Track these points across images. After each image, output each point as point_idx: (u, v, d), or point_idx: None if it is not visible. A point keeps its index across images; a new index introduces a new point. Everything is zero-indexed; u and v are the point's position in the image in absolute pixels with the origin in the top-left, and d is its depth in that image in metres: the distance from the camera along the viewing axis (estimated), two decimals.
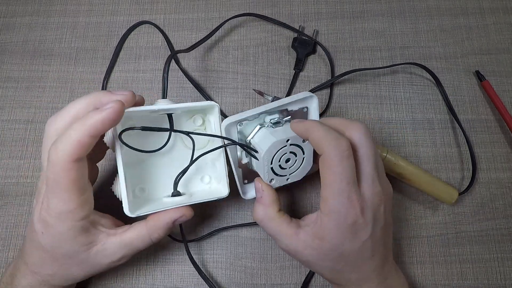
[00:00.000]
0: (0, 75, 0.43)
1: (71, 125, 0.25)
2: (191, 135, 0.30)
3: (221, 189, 0.32)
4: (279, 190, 0.38)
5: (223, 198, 0.32)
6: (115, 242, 0.28)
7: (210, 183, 0.34)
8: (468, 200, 0.38)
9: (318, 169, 0.28)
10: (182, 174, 0.30)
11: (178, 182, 0.30)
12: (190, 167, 0.30)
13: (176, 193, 0.31)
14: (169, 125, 0.30)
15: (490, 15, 0.44)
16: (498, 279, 0.36)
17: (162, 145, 0.30)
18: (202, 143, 0.33)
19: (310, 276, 0.36)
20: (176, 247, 0.37)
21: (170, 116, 0.30)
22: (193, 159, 0.30)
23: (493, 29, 0.44)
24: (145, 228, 0.29)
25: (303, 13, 0.45)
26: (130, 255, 0.30)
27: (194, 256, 0.37)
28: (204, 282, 0.36)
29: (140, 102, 0.31)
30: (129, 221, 0.30)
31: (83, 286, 0.36)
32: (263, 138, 0.31)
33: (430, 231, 0.37)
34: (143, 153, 0.29)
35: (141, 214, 0.29)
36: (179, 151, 0.33)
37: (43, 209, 0.26)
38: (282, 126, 0.32)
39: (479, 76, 0.41)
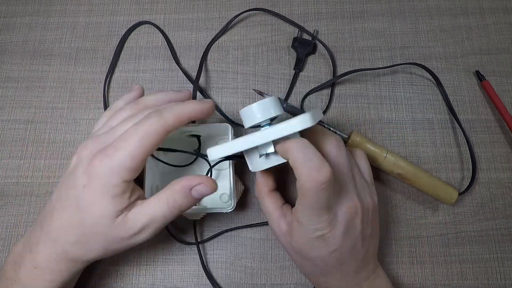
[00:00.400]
0: (0, 75, 0.43)
1: (173, 103, 0.29)
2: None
3: (228, 203, 0.35)
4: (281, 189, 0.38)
5: (229, 211, 0.33)
6: (135, 212, 0.28)
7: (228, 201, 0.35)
8: (468, 200, 0.38)
9: None
10: None
11: None
12: None
13: None
14: (198, 146, 0.36)
15: (490, 15, 0.44)
16: (498, 279, 0.36)
17: (189, 162, 0.37)
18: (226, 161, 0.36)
19: None
20: (176, 247, 0.37)
21: (198, 138, 0.36)
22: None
23: (493, 29, 0.44)
24: (163, 194, 0.28)
25: (303, 13, 0.45)
26: (151, 228, 0.28)
27: (194, 256, 0.37)
28: (204, 282, 0.36)
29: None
30: None
31: (83, 286, 0.36)
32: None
33: (430, 231, 0.37)
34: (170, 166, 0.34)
35: None
36: (199, 165, 0.37)
37: (96, 160, 0.27)
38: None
39: (479, 76, 0.41)
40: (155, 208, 0.28)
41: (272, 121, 0.30)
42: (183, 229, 0.38)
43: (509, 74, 0.42)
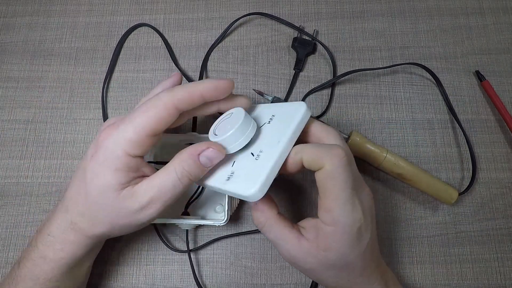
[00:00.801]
0: (0, 75, 0.43)
1: (189, 84, 0.28)
2: None
3: (220, 216, 0.35)
4: (277, 191, 0.38)
5: (221, 224, 0.33)
6: (142, 184, 0.27)
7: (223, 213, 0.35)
8: (468, 200, 0.38)
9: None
10: (192, 198, 0.36)
11: (189, 205, 0.36)
12: (206, 197, 0.36)
13: (185, 213, 0.35)
14: None
15: (490, 15, 0.44)
16: (498, 279, 0.36)
17: None
18: None
19: None
20: (176, 247, 0.37)
21: None
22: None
23: (493, 29, 0.44)
24: (170, 165, 0.27)
25: (303, 13, 0.45)
26: (160, 201, 0.26)
27: (194, 256, 0.37)
28: (205, 282, 0.36)
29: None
30: None
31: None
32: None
33: (430, 231, 0.37)
34: None
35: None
36: None
37: (104, 132, 0.27)
38: None
39: (479, 76, 0.41)
40: (164, 179, 0.26)
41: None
42: (178, 234, 0.38)
43: (509, 74, 0.42)
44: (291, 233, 0.27)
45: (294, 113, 0.27)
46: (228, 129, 0.27)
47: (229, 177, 0.26)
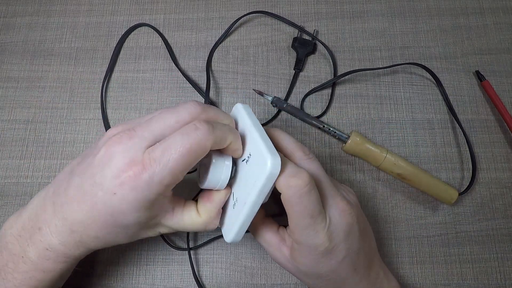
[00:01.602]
0: (0, 75, 0.43)
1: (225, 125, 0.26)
2: None
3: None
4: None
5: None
6: (169, 223, 0.27)
7: None
8: (468, 200, 0.38)
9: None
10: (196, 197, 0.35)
11: None
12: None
13: None
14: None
15: (490, 15, 0.44)
16: (498, 279, 0.36)
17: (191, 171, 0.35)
18: None
19: None
20: (176, 245, 0.37)
21: None
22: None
23: (493, 29, 0.44)
24: (200, 220, 0.27)
25: (303, 13, 0.45)
26: (172, 231, 0.28)
27: (194, 256, 0.37)
28: (205, 282, 0.36)
29: None
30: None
31: (83, 287, 0.36)
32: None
33: (430, 231, 0.37)
34: None
35: None
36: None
37: (137, 167, 0.23)
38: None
39: (479, 76, 0.41)
40: (190, 227, 0.27)
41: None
42: (178, 233, 0.38)
43: (509, 74, 0.42)
44: (273, 238, 0.29)
45: (261, 171, 0.24)
46: (204, 177, 0.27)
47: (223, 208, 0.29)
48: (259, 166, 0.24)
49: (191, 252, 0.37)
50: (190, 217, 0.27)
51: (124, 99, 0.42)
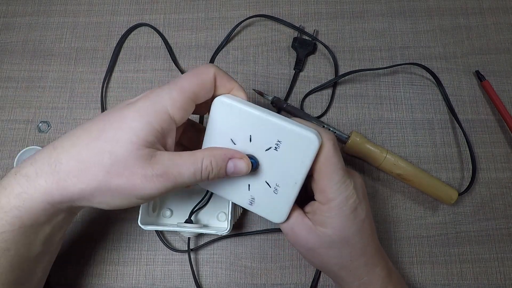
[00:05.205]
0: (0, 75, 0.43)
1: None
2: None
3: (223, 224, 0.36)
4: None
5: (224, 234, 0.34)
6: (165, 154, 0.24)
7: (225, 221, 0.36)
8: (468, 200, 0.38)
9: None
10: (197, 206, 0.36)
11: (193, 213, 0.35)
12: (209, 204, 0.37)
13: (189, 221, 0.35)
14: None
15: (490, 15, 0.44)
16: (498, 279, 0.36)
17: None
18: None
19: (317, 275, 0.36)
20: (176, 247, 0.37)
21: None
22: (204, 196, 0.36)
23: (493, 29, 0.44)
24: (199, 153, 0.25)
25: (303, 13, 0.45)
26: (172, 181, 0.24)
27: (193, 256, 0.37)
28: (205, 282, 0.36)
29: None
30: None
31: (83, 286, 0.36)
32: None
33: (430, 231, 0.37)
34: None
35: (148, 229, 0.34)
36: None
37: (151, 90, 0.25)
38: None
39: (479, 76, 0.41)
40: (187, 162, 0.25)
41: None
42: (178, 234, 0.38)
43: (509, 74, 0.42)
44: (295, 211, 0.29)
45: (307, 148, 0.26)
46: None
47: (251, 202, 0.29)
48: (300, 146, 0.26)
49: (191, 252, 0.37)
50: (190, 152, 0.25)
51: (124, 99, 0.42)
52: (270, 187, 0.28)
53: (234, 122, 0.27)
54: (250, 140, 0.27)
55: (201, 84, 0.26)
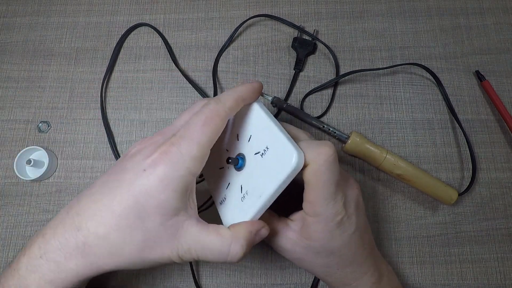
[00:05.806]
0: (0, 75, 0.43)
1: (226, 90, 0.27)
2: None
3: None
4: None
5: None
6: (193, 230, 0.24)
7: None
8: (468, 200, 0.38)
9: None
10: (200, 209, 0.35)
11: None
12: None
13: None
14: None
15: (490, 15, 0.44)
16: (498, 279, 0.36)
17: None
18: None
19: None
20: None
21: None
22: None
23: (493, 29, 0.44)
24: (229, 235, 0.25)
25: (303, 13, 0.45)
26: (192, 257, 0.25)
27: None
28: (205, 282, 0.36)
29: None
30: None
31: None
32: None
33: (430, 231, 0.37)
34: None
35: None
36: None
37: (160, 150, 0.24)
38: None
39: (479, 76, 0.41)
40: (215, 243, 0.25)
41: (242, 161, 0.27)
42: None
43: (509, 74, 0.42)
44: (277, 225, 0.29)
45: (285, 163, 0.24)
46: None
47: (222, 201, 0.28)
48: (281, 160, 0.24)
49: None
50: (216, 231, 0.25)
51: (124, 99, 0.42)
52: (241, 192, 0.27)
53: (243, 118, 0.27)
54: (249, 140, 0.27)
55: (216, 132, 0.25)
